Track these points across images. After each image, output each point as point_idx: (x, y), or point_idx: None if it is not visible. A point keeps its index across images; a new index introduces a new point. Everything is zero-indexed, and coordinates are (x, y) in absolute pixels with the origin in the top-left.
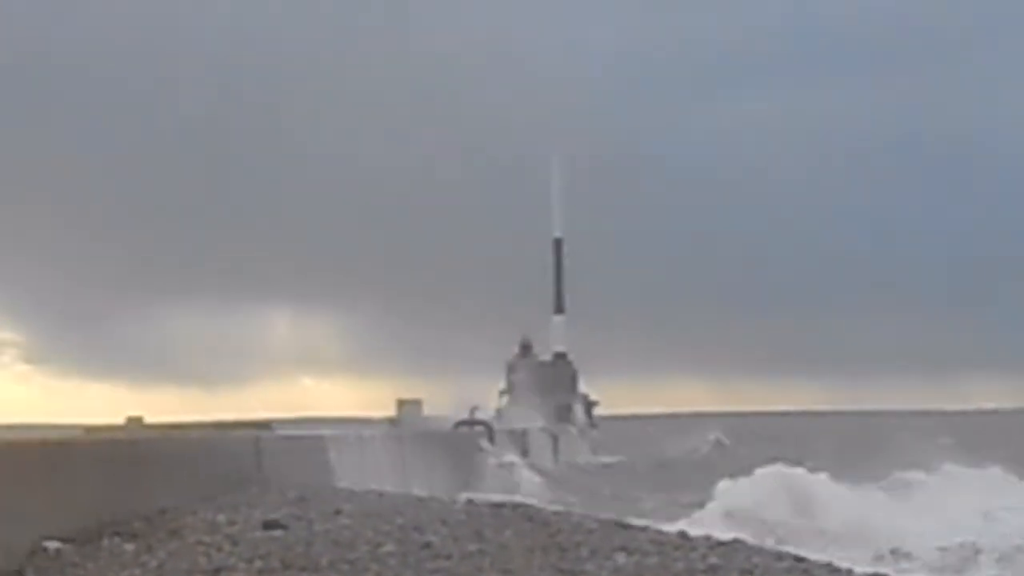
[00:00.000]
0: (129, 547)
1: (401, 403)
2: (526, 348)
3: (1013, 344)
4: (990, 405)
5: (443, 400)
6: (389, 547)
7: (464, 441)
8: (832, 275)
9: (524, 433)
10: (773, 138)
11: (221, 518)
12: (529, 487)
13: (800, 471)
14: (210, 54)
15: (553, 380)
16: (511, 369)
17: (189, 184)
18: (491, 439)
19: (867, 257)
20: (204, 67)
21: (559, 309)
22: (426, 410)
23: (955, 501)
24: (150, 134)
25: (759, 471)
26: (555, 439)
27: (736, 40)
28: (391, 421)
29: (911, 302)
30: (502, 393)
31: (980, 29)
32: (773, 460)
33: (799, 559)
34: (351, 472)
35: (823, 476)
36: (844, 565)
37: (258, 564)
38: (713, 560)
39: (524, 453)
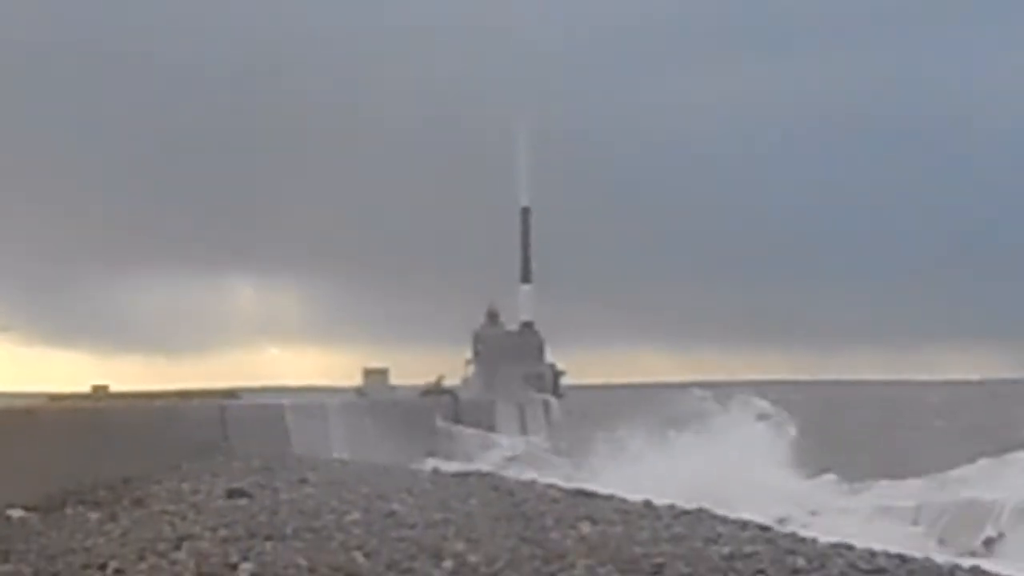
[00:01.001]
0: (93, 516)
1: (368, 372)
2: (493, 317)
3: (982, 316)
4: (959, 376)
5: (410, 369)
6: (354, 515)
7: (427, 412)
8: (800, 247)
9: (491, 405)
10: (741, 111)
11: (186, 487)
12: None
13: None
14: (179, 28)
15: (520, 349)
16: (478, 338)
17: (152, 154)
18: (456, 410)
19: (834, 229)
20: (170, 39)
21: (526, 278)
22: (393, 379)
23: None
24: (114, 105)
25: None
26: (522, 411)
27: (706, 13)
28: (358, 391)
29: (878, 273)
30: (468, 362)
31: (947, 3)
32: None
33: (763, 528)
34: (313, 441)
35: None
36: (808, 535)
37: (223, 532)
38: (678, 529)
39: (490, 428)
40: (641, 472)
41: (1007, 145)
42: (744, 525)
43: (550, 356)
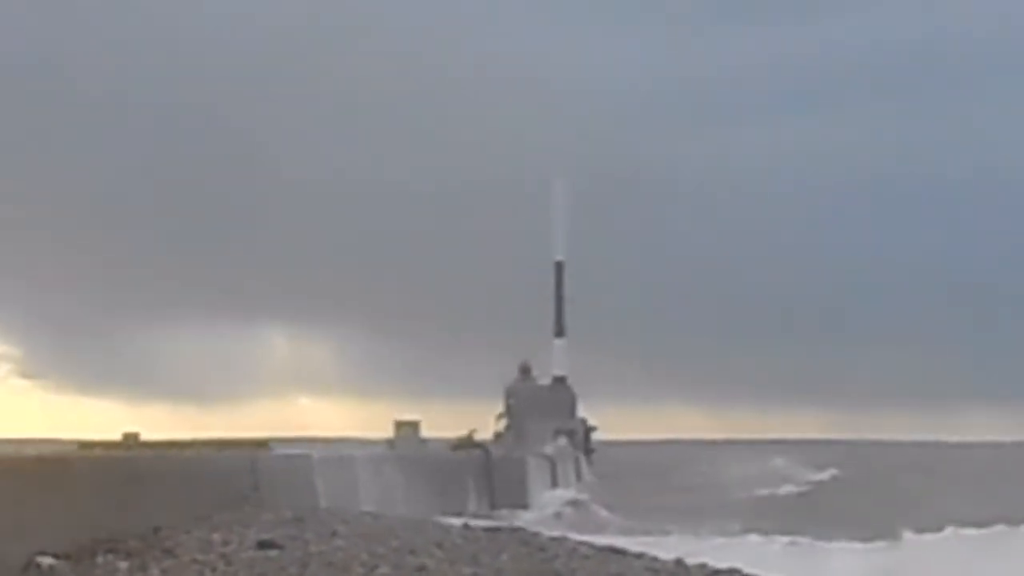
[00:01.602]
0: (123, 565)
1: (399, 424)
2: (525, 371)
3: (1011, 377)
4: (988, 438)
5: (441, 422)
6: (384, 569)
7: (457, 466)
8: (832, 306)
9: (522, 461)
10: (777, 169)
11: (216, 537)
12: None
13: None
14: (209, 76)
15: (552, 404)
16: (510, 393)
17: (188, 204)
18: (487, 465)
19: (866, 288)
20: (202, 90)
21: (559, 332)
22: (424, 432)
23: None
24: (152, 157)
25: None
26: (553, 467)
27: (739, 72)
28: (389, 443)
29: (909, 334)
30: (500, 416)
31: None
32: None
33: None
34: (341, 494)
35: None
36: None
37: None
38: None
39: (521, 483)
40: None
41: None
42: None
43: (582, 411)
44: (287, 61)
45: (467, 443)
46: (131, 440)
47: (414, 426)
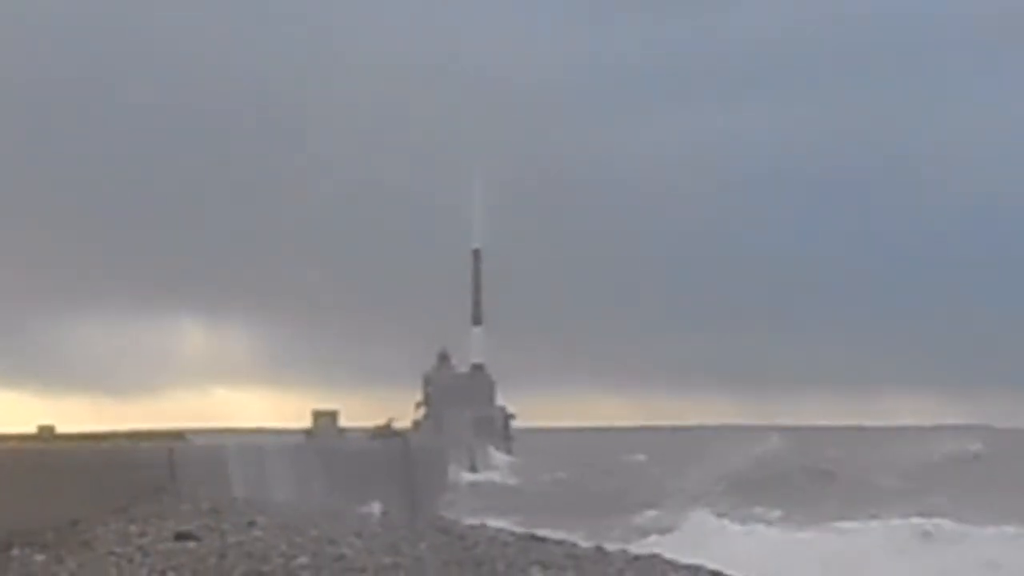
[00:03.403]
0: (39, 558)
1: (317, 414)
2: (444, 359)
3: (931, 361)
4: (908, 422)
5: (360, 411)
6: (302, 559)
7: (375, 455)
8: (751, 292)
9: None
10: (705, 158)
11: (133, 529)
12: None
13: None
14: (135, 65)
15: (471, 392)
16: (428, 381)
17: (101, 191)
18: (406, 454)
19: (787, 275)
20: (124, 77)
21: (477, 320)
22: (343, 421)
23: None
24: (62, 144)
25: None
26: (472, 457)
27: (659, 62)
28: (307, 433)
29: (829, 318)
30: (419, 404)
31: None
32: None
33: (715, 573)
34: (255, 484)
35: None
36: None
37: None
38: (629, 575)
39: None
40: None
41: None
42: (696, 570)
43: (501, 399)
44: (199, 45)
45: (386, 432)
46: (47, 432)
47: (332, 416)
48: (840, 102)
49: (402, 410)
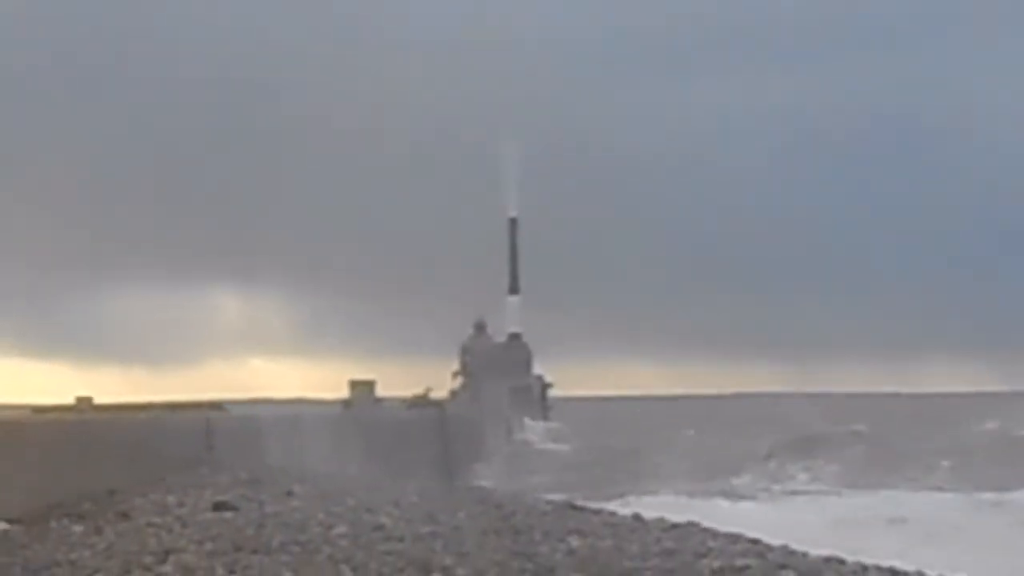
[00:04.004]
0: (78, 528)
1: (354, 384)
2: (480, 329)
3: (967, 329)
4: (945, 389)
5: (397, 381)
6: (341, 529)
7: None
8: (786, 258)
9: (479, 423)
10: (732, 123)
11: (171, 499)
12: None
13: None
14: (170, 39)
15: (507, 361)
16: (465, 351)
17: (137, 162)
18: (442, 425)
19: (822, 240)
20: (160, 50)
21: (514, 289)
22: (379, 391)
23: None
24: (100, 115)
25: None
26: (509, 428)
27: (693, 29)
28: (344, 403)
29: (864, 286)
30: (455, 374)
31: (929, 18)
32: None
33: (754, 541)
34: (298, 455)
35: None
36: (799, 548)
37: (208, 546)
38: (668, 543)
39: (479, 443)
40: None
41: (996, 160)
42: (735, 539)
43: (538, 368)
44: (237, 19)
45: (422, 402)
46: (84, 404)
47: (370, 386)
48: (876, 65)
49: (439, 380)
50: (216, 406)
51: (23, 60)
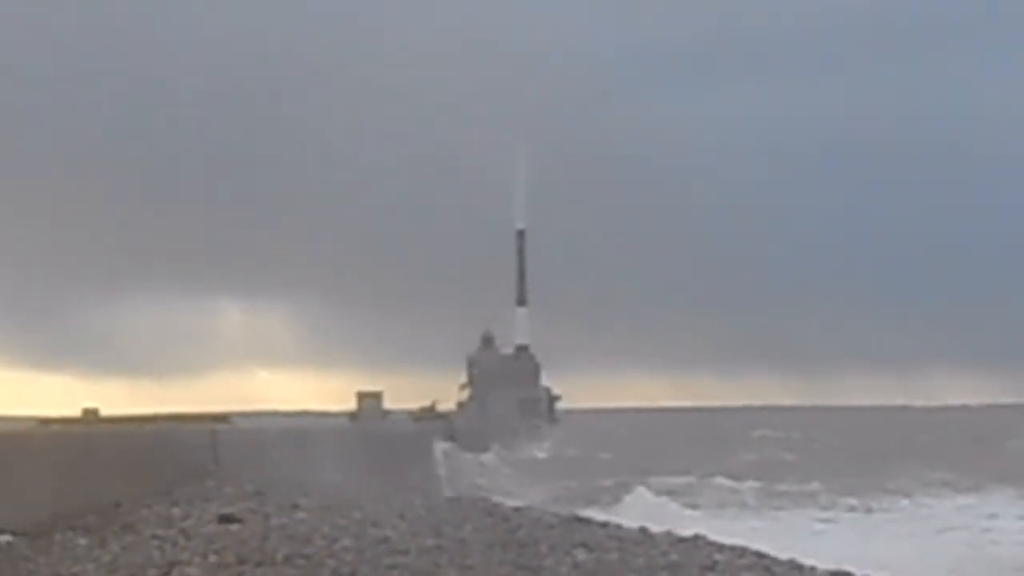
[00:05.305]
0: (82, 541)
1: (361, 396)
2: (488, 341)
3: (978, 341)
4: (956, 402)
5: (404, 393)
6: (346, 542)
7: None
8: (794, 271)
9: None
10: (739, 136)
11: (176, 512)
12: None
13: None
14: (174, 49)
15: (515, 373)
16: (472, 363)
17: (142, 176)
18: (451, 437)
19: (829, 253)
20: (164, 60)
21: (521, 301)
22: (387, 403)
23: None
24: (103, 127)
25: None
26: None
27: (702, 37)
28: (351, 415)
29: (872, 298)
30: (463, 386)
31: (928, 30)
32: None
33: (760, 555)
34: (304, 467)
35: None
36: (807, 562)
37: (213, 559)
38: (674, 557)
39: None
40: None
41: (1004, 171)
42: (742, 552)
43: (546, 380)
44: (242, 25)
45: (430, 414)
46: (91, 416)
47: (377, 397)
48: (885, 76)
49: (447, 392)
50: (222, 418)
51: (27, 72)
